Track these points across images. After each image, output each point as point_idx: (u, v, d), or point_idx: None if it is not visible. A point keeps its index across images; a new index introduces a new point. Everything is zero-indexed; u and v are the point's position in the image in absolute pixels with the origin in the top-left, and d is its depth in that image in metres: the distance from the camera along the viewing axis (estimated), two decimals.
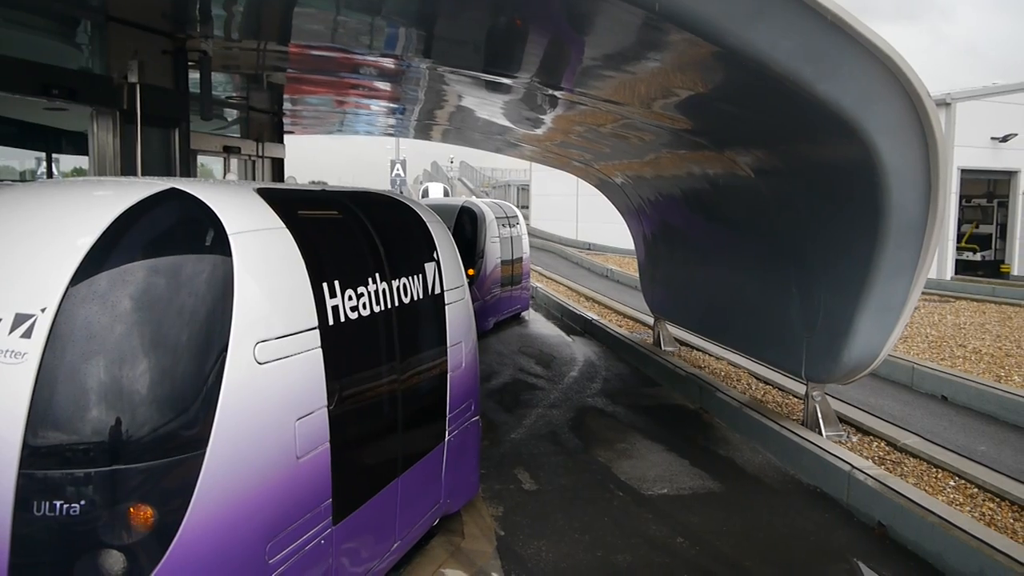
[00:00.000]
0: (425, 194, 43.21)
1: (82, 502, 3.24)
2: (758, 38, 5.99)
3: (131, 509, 3.31)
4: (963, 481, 7.46)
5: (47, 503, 3.21)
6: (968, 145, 25.53)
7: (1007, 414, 9.99)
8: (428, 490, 5.87)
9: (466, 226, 16.11)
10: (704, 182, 10.80)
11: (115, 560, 3.28)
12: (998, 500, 7.04)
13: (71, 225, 3.64)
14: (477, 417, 6.81)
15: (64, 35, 8.95)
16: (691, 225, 12.39)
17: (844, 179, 7.44)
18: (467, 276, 12.43)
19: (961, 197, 27.20)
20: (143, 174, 8.29)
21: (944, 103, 25.07)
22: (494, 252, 16.48)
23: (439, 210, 7.80)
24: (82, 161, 12.34)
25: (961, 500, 7.06)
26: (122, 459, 3.31)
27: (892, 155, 6.73)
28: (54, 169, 12.62)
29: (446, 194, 43.95)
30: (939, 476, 7.61)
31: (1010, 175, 27.15)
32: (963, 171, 25.75)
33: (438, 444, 5.95)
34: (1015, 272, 27.10)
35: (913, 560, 6.25)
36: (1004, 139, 25.97)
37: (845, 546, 6.53)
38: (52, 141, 12.08)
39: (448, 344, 6.09)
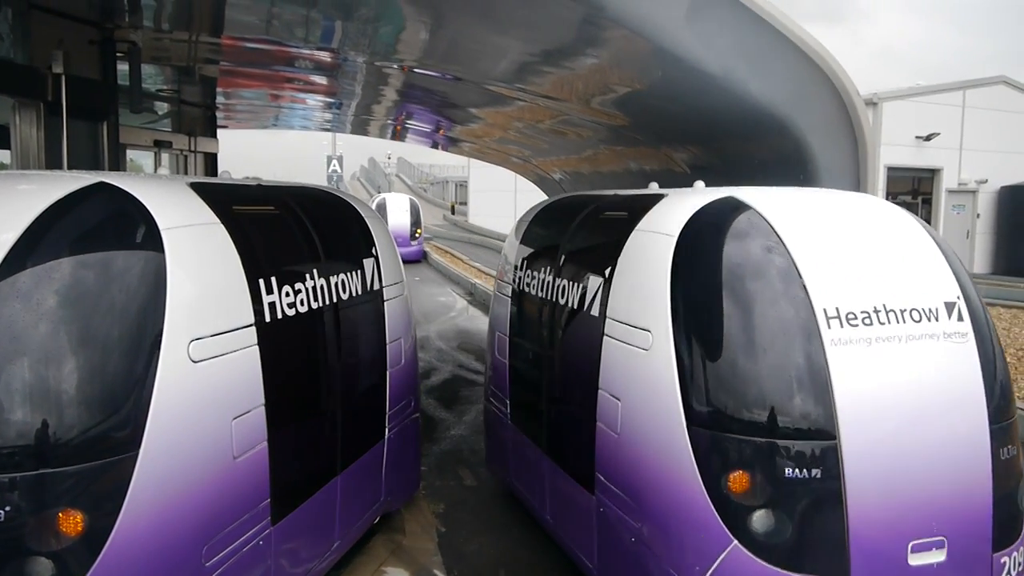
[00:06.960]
0: (382, 207, 29.77)
1: (7, 508, 3.12)
2: (693, 36, 6.08)
3: (60, 514, 3.19)
4: None
5: None
6: (894, 143, 26.30)
7: None
8: (368, 488, 5.82)
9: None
10: (641, 178, 10.92)
11: (43, 567, 3.17)
12: None
13: None
14: (417, 414, 6.78)
15: None
16: None
17: (777, 175, 7.59)
18: None
19: (888, 194, 28.02)
20: (69, 169, 8.03)
21: (871, 103, 25.77)
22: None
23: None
24: (3, 156, 11.90)
25: None
26: (50, 463, 3.19)
27: (823, 152, 6.91)
28: None
29: (413, 207, 31.06)
30: None
31: (933, 173, 28.08)
32: (889, 169, 26.51)
33: (378, 442, 5.90)
34: None
35: None
36: (928, 138, 26.84)
37: None
38: None
39: (387, 340, 6.04)
